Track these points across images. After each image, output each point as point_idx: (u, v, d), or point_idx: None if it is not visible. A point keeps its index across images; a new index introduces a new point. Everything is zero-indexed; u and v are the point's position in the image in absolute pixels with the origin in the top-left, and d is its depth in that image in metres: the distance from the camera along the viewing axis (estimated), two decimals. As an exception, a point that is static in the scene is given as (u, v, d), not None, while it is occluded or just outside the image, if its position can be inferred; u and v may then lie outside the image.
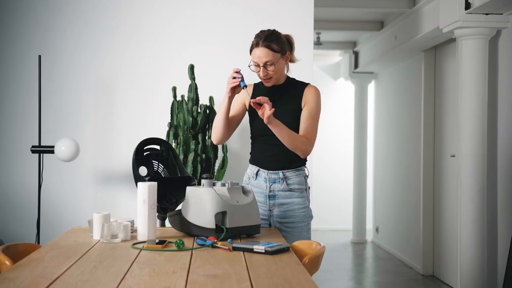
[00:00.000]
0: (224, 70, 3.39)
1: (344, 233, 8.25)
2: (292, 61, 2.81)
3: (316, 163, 7.40)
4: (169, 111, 3.85)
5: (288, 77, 2.81)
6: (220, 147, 3.86)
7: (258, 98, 2.52)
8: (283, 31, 4.22)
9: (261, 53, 2.64)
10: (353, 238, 7.89)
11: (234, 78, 2.64)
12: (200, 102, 3.87)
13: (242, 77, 2.65)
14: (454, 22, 4.39)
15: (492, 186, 4.50)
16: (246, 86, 2.64)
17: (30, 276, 1.74)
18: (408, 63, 6.43)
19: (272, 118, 2.56)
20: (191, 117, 3.72)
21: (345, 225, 8.43)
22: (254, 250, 2.08)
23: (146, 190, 2.36)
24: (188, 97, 3.78)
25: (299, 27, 4.23)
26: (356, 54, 7.83)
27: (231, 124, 2.81)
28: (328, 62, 8.83)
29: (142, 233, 2.35)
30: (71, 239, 2.37)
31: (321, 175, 8.33)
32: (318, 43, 7.24)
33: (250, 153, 2.87)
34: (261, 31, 2.70)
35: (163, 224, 3.22)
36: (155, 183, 2.41)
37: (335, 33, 7.34)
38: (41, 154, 3.77)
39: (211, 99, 3.82)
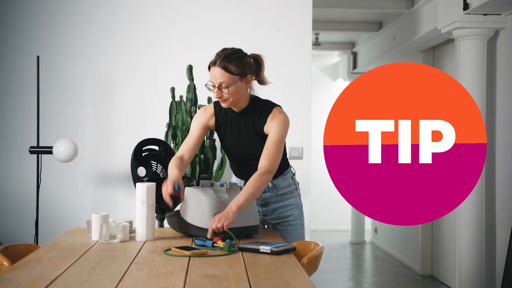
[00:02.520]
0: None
1: (343, 233, 8.25)
2: (262, 82, 2.55)
3: (315, 163, 7.38)
4: (168, 112, 3.85)
5: (252, 99, 2.54)
6: (218, 147, 3.86)
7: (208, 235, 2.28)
8: (281, 31, 4.28)
9: (217, 73, 2.40)
10: (351, 238, 7.89)
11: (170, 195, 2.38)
12: (199, 103, 3.87)
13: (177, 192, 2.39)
14: (452, 23, 4.39)
15: (491, 187, 4.50)
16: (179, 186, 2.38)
17: (28, 276, 1.74)
18: (407, 64, 6.43)
19: (235, 209, 2.29)
20: (190, 117, 3.71)
21: (343, 225, 8.42)
22: (260, 250, 2.07)
23: (145, 191, 2.36)
24: (186, 97, 3.78)
25: (298, 27, 4.24)
26: (354, 55, 7.83)
27: (194, 150, 2.60)
28: (327, 63, 8.83)
29: (141, 234, 2.35)
30: (69, 240, 2.37)
31: (319, 176, 8.29)
32: (316, 44, 7.24)
33: (231, 168, 2.74)
34: (224, 49, 2.45)
35: (161, 225, 3.22)
36: (153, 184, 2.41)
37: (334, 33, 7.34)
38: (40, 155, 3.77)
39: (209, 99, 3.82)
